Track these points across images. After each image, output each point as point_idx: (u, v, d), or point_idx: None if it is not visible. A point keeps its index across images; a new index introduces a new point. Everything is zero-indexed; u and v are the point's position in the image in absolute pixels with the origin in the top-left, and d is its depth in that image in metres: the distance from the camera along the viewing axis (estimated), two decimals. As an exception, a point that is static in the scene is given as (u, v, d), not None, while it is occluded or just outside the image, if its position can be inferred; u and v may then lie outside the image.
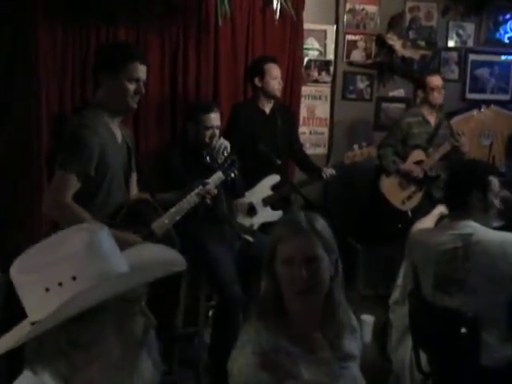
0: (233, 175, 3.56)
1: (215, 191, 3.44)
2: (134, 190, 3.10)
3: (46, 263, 1.20)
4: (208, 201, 3.40)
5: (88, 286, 1.19)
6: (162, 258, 1.40)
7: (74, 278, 1.19)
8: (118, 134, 2.94)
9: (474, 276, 2.71)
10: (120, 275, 1.26)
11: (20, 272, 1.21)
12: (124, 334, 1.25)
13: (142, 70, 2.87)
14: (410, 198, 4.77)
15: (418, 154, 4.73)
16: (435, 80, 4.75)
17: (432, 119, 4.83)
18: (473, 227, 2.77)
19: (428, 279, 2.88)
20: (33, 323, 1.22)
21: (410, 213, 4.75)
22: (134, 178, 3.09)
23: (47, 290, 1.19)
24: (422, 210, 4.66)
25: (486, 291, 2.69)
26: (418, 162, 4.72)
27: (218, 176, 3.48)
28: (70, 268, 1.20)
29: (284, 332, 1.82)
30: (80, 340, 1.20)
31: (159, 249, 1.48)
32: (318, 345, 1.87)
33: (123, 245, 1.37)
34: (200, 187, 3.35)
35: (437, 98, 4.76)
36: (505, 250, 2.69)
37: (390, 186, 4.83)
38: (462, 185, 2.84)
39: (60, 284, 1.19)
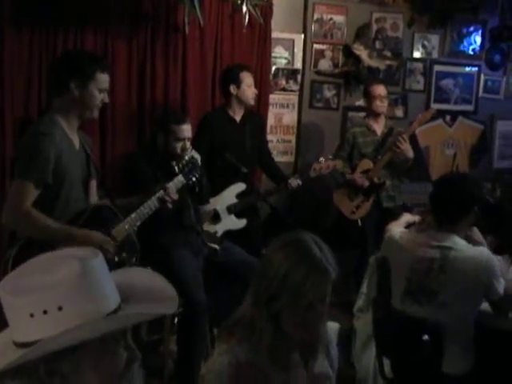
0: (194, 179, 3.47)
1: (176, 196, 3.33)
2: (94, 196, 3.07)
3: (33, 288, 1.16)
4: (169, 205, 3.29)
5: (73, 319, 1.17)
6: (153, 289, 1.37)
7: (60, 309, 1.16)
8: (76, 140, 2.95)
9: (447, 290, 2.72)
10: (108, 317, 1.22)
11: (7, 292, 1.18)
12: (103, 368, 1.23)
13: (108, 81, 2.96)
14: (358, 207, 4.78)
15: (365, 164, 4.76)
16: (378, 89, 4.74)
17: (378, 128, 4.83)
18: (455, 242, 2.76)
19: (400, 282, 2.87)
20: (16, 343, 1.19)
21: (359, 222, 4.79)
22: (93, 184, 3.06)
23: (32, 315, 1.16)
24: (371, 220, 4.73)
25: (455, 305, 2.71)
26: (366, 171, 4.73)
27: (179, 180, 3.39)
28: (56, 297, 1.16)
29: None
30: (57, 369, 1.18)
31: (150, 276, 1.45)
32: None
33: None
34: (161, 192, 3.27)
35: (379, 106, 4.75)
36: (477, 266, 2.69)
37: (340, 197, 4.88)
38: (462, 204, 2.78)
39: (45, 312, 1.16)
